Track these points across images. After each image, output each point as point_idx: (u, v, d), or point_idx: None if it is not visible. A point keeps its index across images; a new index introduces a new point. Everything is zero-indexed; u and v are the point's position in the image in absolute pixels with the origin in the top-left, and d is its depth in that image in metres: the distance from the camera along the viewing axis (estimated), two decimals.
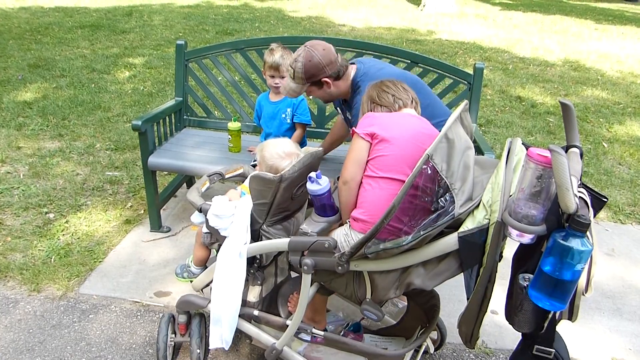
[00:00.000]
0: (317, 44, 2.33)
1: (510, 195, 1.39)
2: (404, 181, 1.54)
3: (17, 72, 6.34)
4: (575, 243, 1.24)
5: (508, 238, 1.40)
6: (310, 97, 2.53)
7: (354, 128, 1.82)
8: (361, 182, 1.78)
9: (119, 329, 2.41)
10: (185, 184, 3.67)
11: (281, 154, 1.95)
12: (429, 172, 1.43)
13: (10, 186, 3.65)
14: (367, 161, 1.77)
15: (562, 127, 5.35)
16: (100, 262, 2.88)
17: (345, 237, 1.78)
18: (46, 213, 3.34)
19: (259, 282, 1.94)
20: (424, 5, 13.25)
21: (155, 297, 2.62)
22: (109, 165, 4.04)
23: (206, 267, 2.26)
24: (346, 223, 1.82)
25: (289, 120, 2.85)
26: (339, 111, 2.74)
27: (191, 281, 2.22)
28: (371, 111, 1.96)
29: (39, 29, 8.91)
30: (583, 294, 1.39)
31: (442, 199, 1.45)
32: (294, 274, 2.27)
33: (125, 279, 2.75)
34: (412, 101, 1.97)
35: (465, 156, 1.53)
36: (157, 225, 3.17)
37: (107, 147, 4.36)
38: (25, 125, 4.73)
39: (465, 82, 3.08)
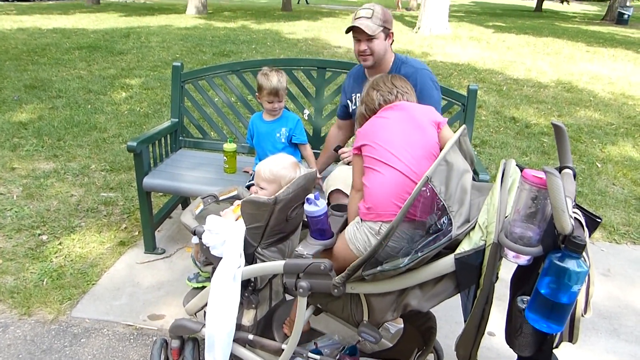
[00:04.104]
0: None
1: (506, 217, 1.39)
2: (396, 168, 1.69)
3: (12, 92, 6.36)
4: (571, 264, 1.23)
5: (504, 259, 1.39)
6: (365, 51, 2.51)
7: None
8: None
9: (111, 354, 2.37)
10: (180, 205, 3.66)
11: (287, 165, 1.94)
12: (428, 194, 1.43)
13: (3, 208, 3.63)
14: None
15: (556, 147, 5.34)
16: (93, 284, 2.84)
17: (356, 231, 1.75)
18: (39, 235, 3.31)
19: (253, 305, 1.92)
20: (418, 28, 13.45)
21: (149, 320, 2.58)
22: (104, 186, 4.02)
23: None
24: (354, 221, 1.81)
25: (283, 140, 2.85)
26: (347, 104, 2.79)
27: (198, 288, 2.18)
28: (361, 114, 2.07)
29: (36, 50, 8.97)
30: (582, 315, 1.38)
31: (440, 221, 1.45)
32: (289, 297, 2.26)
33: (119, 302, 2.71)
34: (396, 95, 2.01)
35: (463, 179, 1.53)
36: (151, 247, 3.14)
37: (102, 168, 4.35)
38: (20, 146, 4.72)
39: (459, 104, 3.10)
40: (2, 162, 4.38)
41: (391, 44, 2.60)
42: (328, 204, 2.00)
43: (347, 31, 2.50)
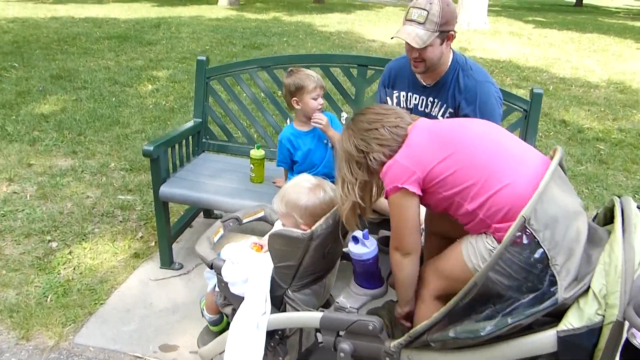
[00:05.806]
0: None
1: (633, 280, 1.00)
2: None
3: (39, 82, 6.19)
4: None
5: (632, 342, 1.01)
6: (416, 58, 2.08)
7: (387, 188, 1.42)
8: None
9: None
10: (202, 212, 3.34)
11: (301, 188, 1.58)
12: (525, 241, 1.05)
13: (15, 208, 3.38)
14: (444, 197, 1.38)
15: (615, 155, 4.90)
16: (101, 304, 2.54)
17: (476, 243, 1.32)
18: (49, 241, 3.04)
19: (280, 357, 1.57)
20: (456, 22, 12.89)
21: (160, 352, 2.26)
22: (122, 187, 3.74)
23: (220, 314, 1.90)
24: (483, 235, 1.31)
25: (330, 145, 2.46)
26: (387, 102, 2.36)
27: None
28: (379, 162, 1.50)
29: (66, 39, 8.84)
30: None
31: (539, 277, 1.07)
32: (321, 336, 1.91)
33: (128, 327, 2.40)
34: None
35: (576, 222, 1.14)
36: (167, 262, 2.82)
37: (121, 166, 4.07)
38: (40, 140, 4.50)
39: (521, 109, 2.69)
40: (19, 157, 4.15)
41: (451, 43, 2.16)
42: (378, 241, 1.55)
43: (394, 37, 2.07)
